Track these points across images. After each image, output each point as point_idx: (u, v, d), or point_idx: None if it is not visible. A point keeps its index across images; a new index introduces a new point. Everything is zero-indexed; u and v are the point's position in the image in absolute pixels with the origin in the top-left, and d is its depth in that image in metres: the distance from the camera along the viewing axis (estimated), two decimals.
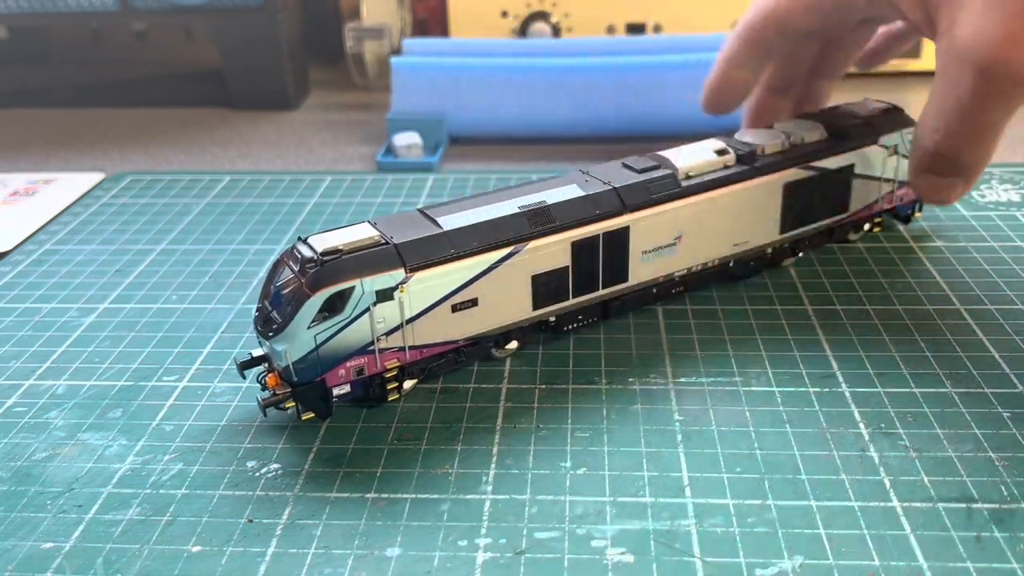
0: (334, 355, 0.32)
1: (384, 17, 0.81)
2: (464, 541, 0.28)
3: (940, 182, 0.38)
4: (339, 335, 0.31)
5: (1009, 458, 0.30)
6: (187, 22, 0.78)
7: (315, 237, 0.32)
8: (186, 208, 0.55)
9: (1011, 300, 0.41)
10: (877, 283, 0.43)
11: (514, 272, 0.34)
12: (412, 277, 0.32)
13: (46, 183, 0.61)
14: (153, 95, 0.83)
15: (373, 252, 0.32)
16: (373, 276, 0.31)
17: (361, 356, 0.32)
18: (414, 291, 0.32)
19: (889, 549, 0.27)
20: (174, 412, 0.35)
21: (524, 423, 0.33)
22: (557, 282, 0.36)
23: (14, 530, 0.29)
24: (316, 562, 0.27)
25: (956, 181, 0.38)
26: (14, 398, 0.36)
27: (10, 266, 0.48)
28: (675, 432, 0.32)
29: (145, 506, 0.30)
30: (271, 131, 0.73)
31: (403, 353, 0.33)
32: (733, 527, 0.28)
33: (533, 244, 0.34)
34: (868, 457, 0.31)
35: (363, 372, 0.33)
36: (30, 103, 0.82)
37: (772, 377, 0.35)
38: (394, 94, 0.66)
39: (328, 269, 0.31)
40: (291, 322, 0.31)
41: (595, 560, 0.27)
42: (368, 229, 0.33)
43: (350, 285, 0.31)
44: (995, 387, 0.34)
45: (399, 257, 0.32)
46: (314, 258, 0.31)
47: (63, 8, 0.75)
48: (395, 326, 0.33)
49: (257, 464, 0.32)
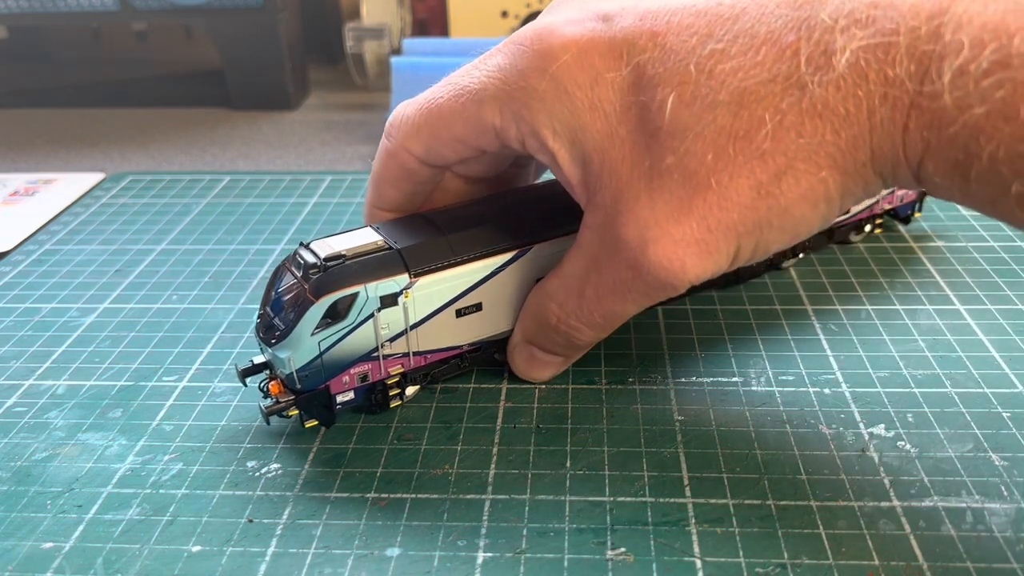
0: (338, 362, 0.31)
1: (384, 17, 0.81)
2: (464, 541, 0.28)
3: (542, 358, 0.35)
4: (343, 341, 0.31)
5: (1009, 458, 0.30)
6: (187, 22, 0.78)
7: (317, 242, 0.32)
8: (186, 208, 0.55)
9: (1011, 300, 0.41)
10: (877, 283, 0.43)
11: (519, 276, 0.34)
12: (416, 282, 0.32)
13: (46, 183, 0.61)
14: (153, 95, 0.83)
15: (377, 257, 0.31)
16: (377, 281, 0.31)
17: (365, 362, 0.32)
18: (418, 296, 0.32)
19: (889, 549, 0.27)
20: (174, 412, 0.35)
21: (524, 423, 0.33)
22: None
23: (14, 530, 0.29)
24: (316, 562, 0.27)
25: (556, 360, 0.35)
26: (14, 398, 0.36)
27: (10, 266, 0.48)
28: (675, 432, 0.32)
29: (145, 506, 0.30)
30: (271, 131, 0.73)
31: (407, 359, 0.33)
32: (733, 527, 0.28)
33: (538, 247, 0.34)
34: (868, 457, 0.31)
35: (367, 379, 0.33)
36: (30, 103, 0.82)
37: (772, 377, 0.35)
38: (394, 94, 0.66)
39: (331, 275, 0.31)
40: (294, 329, 0.30)
41: (595, 560, 0.27)
42: (371, 234, 0.33)
43: (354, 291, 0.31)
44: (995, 387, 0.34)
45: (403, 262, 0.32)
46: (317, 264, 0.31)
47: (63, 8, 0.75)
48: (399, 332, 0.32)
49: (257, 464, 0.32)
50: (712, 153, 0.26)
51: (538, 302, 0.33)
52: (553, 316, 0.32)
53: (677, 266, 0.28)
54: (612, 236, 0.29)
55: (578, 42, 0.28)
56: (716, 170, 0.26)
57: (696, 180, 0.27)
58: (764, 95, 0.25)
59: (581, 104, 0.29)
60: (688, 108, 0.26)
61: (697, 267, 0.28)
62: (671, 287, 0.28)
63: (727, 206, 0.27)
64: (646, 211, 0.28)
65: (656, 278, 0.28)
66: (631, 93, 0.28)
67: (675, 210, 0.27)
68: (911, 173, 0.25)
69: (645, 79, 0.27)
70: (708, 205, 0.27)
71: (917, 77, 0.23)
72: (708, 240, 0.27)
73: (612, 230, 0.29)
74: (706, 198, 0.27)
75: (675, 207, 0.27)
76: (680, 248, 0.27)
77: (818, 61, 0.24)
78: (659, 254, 0.28)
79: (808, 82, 0.24)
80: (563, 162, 0.30)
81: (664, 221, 0.27)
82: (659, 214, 0.27)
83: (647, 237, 0.28)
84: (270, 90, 0.78)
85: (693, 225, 0.27)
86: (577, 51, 0.28)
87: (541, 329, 0.34)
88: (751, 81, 0.25)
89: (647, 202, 0.28)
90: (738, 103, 0.25)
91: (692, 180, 0.27)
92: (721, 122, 0.26)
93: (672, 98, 0.27)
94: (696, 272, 0.28)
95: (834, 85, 0.24)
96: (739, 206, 0.26)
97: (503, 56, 0.31)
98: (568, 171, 0.30)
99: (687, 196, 0.27)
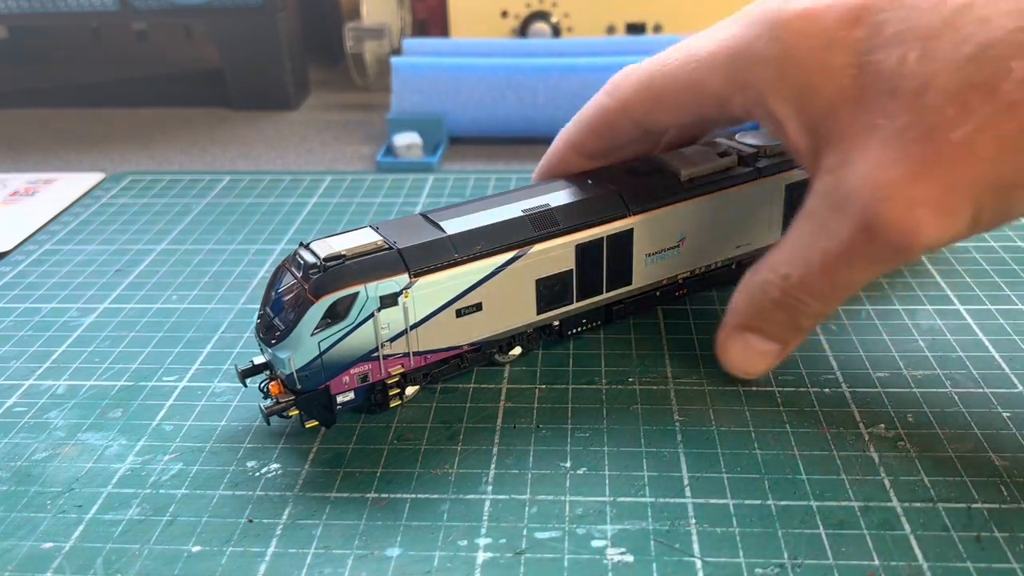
0: (338, 362, 0.31)
1: (384, 17, 0.81)
2: (464, 541, 0.28)
3: (758, 347, 0.33)
4: (343, 341, 0.31)
5: (1009, 458, 0.30)
6: (187, 22, 0.78)
7: (317, 242, 0.32)
8: (186, 208, 0.55)
9: (1011, 300, 0.41)
10: (877, 283, 0.43)
11: (518, 276, 0.34)
12: (416, 282, 0.32)
13: (46, 183, 0.61)
14: (153, 95, 0.83)
15: (376, 257, 0.31)
16: (377, 281, 0.31)
17: (365, 363, 0.32)
18: (418, 296, 0.32)
19: (889, 549, 0.27)
20: (174, 412, 0.35)
21: (524, 423, 0.33)
22: (561, 286, 0.36)
23: (14, 530, 0.29)
24: (316, 562, 0.27)
25: (774, 348, 0.33)
26: (14, 398, 0.36)
27: (10, 266, 0.48)
28: (675, 432, 0.32)
29: (145, 506, 0.30)
30: (271, 131, 0.73)
31: (407, 359, 0.33)
32: (733, 527, 0.28)
33: (537, 247, 0.34)
34: (868, 457, 0.31)
35: (367, 379, 0.33)
36: (30, 103, 0.82)
37: (772, 377, 0.35)
38: (394, 94, 0.66)
39: (331, 275, 0.31)
40: (294, 329, 0.30)
41: (595, 560, 0.27)
42: (371, 234, 0.33)
43: (354, 291, 0.31)
44: (995, 387, 0.34)
45: (403, 262, 0.32)
46: (317, 264, 0.31)
47: (63, 8, 0.75)
48: (399, 332, 0.32)
49: (257, 464, 0.32)
50: (954, 107, 0.25)
51: (757, 280, 0.32)
52: (776, 289, 0.31)
53: (912, 227, 0.26)
54: (842, 199, 0.28)
55: (813, 9, 0.28)
56: (957, 124, 0.25)
57: (935, 136, 0.25)
58: (1013, 43, 0.24)
59: (812, 66, 0.28)
60: (931, 63, 0.26)
61: (934, 228, 0.26)
62: (905, 250, 0.27)
63: (969, 162, 0.25)
64: (879, 171, 0.26)
65: (889, 240, 0.27)
66: (866, 53, 0.27)
67: (911, 168, 0.26)
68: None
69: (883, 38, 0.27)
70: (948, 163, 0.25)
71: None
72: (946, 200, 0.26)
73: (843, 193, 0.28)
74: (946, 155, 0.25)
75: (911, 165, 0.26)
76: (916, 208, 0.26)
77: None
78: (893, 214, 0.26)
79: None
80: (791, 130, 0.30)
81: (899, 180, 0.26)
82: (893, 173, 0.26)
83: (880, 196, 0.26)
84: (270, 90, 0.78)
85: (930, 183, 0.26)
86: (810, 17, 0.28)
87: (761, 310, 0.32)
88: (998, 32, 0.24)
89: (881, 161, 0.26)
90: (984, 54, 0.25)
91: (930, 136, 0.25)
92: (965, 74, 0.25)
93: (914, 55, 0.26)
94: (933, 234, 0.26)
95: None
96: (982, 163, 0.25)
97: (736, 25, 0.31)
98: (795, 138, 0.30)
99: (924, 153, 0.26)
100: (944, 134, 0.25)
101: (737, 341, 0.33)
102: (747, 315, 0.33)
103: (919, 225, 0.26)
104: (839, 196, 0.28)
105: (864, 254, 0.28)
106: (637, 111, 0.34)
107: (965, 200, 0.26)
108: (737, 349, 0.33)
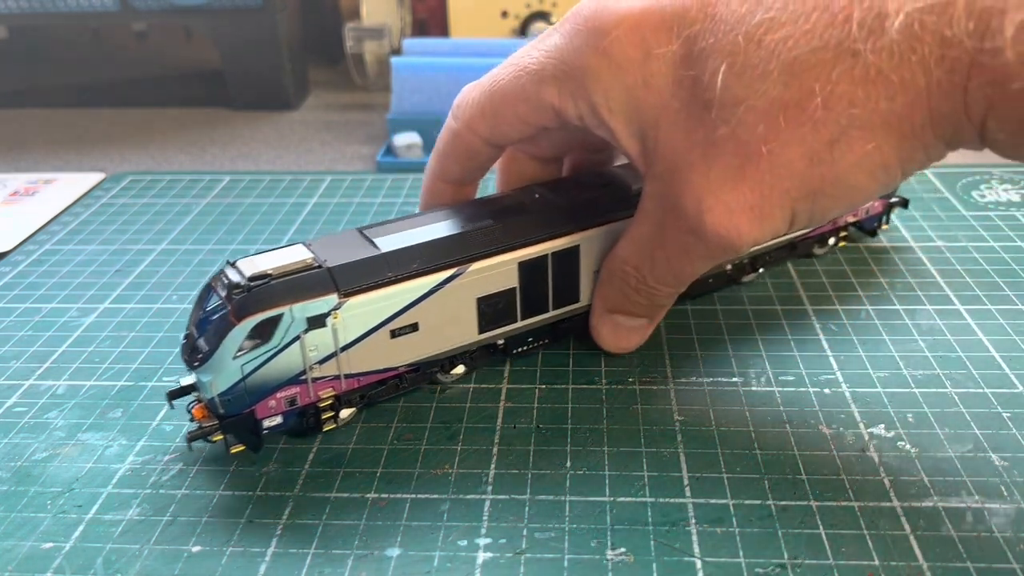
0: (263, 386, 0.30)
1: (384, 17, 0.81)
2: (464, 541, 0.28)
3: (627, 324, 0.36)
4: (268, 365, 0.30)
5: (1009, 458, 0.30)
6: (187, 22, 0.78)
7: (245, 260, 0.30)
8: (186, 208, 0.55)
9: (1011, 300, 0.41)
10: (877, 283, 0.43)
11: (457, 295, 0.33)
12: (346, 302, 0.30)
13: (46, 183, 0.61)
14: (153, 95, 0.83)
15: (304, 276, 0.30)
16: (304, 302, 0.29)
17: (293, 386, 0.31)
18: (349, 317, 0.31)
19: (889, 549, 0.27)
20: (174, 412, 0.35)
21: (524, 423, 0.33)
22: (504, 304, 0.34)
23: (14, 530, 0.29)
24: (316, 562, 0.27)
25: (641, 323, 0.36)
26: (14, 398, 0.36)
27: (10, 266, 0.48)
28: (675, 432, 0.32)
29: (145, 506, 0.30)
30: (271, 131, 0.73)
31: (338, 382, 0.32)
32: (733, 527, 0.28)
33: (477, 265, 0.33)
34: (868, 457, 0.31)
35: (296, 403, 0.31)
36: (30, 103, 0.82)
37: (772, 377, 0.35)
38: (394, 94, 0.66)
39: (254, 295, 0.29)
40: (216, 352, 0.29)
41: (595, 560, 0.27)
42: (301, 251, 0.31)
43: (278, 312, 0.29)
44: (995, 387, 0.34)
45: (332, 281, 0.30)
46: (240, 283, 0.29)
47: (63, 8, 0.75)
48: (328, 354, 0.31)
49: (257, 464, 0.32)
50: (764, 124, 0.26)
51: (613, 268, 0.34)
52: (632, 278, 0.34)
53: (733, 232, 0.28)
54: (672, 204, 0.30)
55: (629, 18, 0.29)
56: (768, 140, 0.26)
57: (748, 149, 0.27)
58: (815, 64, 0.25)
59: (634, 80, 0.29)
60: (738, 80, 0.26)
61: (753, 231, 0.28)
62: (732, 249, 0.29)
63: (780, 174, 0.27)
64: (701, 180, 0.28)
65: (715, 242, 0.29)
66: (682, 67, 0.28)
67: (729, 179, 0.28)
68: (975, 133, 0.24)
69: (695, 52, 0.28)
70: (761, 173, 0.27)
71: (977, 34, 0.22)
72: (763, 206, 0.28)
73: (671, 199, 0.30)
74: (759, 166, 0.27)
75: (729, 176, 0.28)
76: (735, 215, 0.28)
77: (871, 26, 0.24)
78: (715, 221, 0.28)
79: (860, 49, 0.24)
80: (621, 137, 0.31)
81: (719, 189, 0.28)
82: (714, 183, 0.28)
83: (703, 205, 0.28)
84: (270, 90, 0.78)
85: (747, 192, 0.28)
86: (628, 27, 0.29)
87: (622, 293, 0.34)
88: (801, 50, 0.25)
89: (702, 172, 0.28)
90: (788, 73, 0.25)
91: (744, 150, 0.27)
92: (772, 93, 0.26)
93: (723, 70, 0.27)
94: (753, 236, 0.29)
95: (887, 51, 0.24)
96: (792, 174, 0.27)
97: (560, 35, 0.31)
98: (626, 145, 0.31)
99: (740, 165, 0.27)
100: (757, 147, 0.27)
101: (607, 322, 0.36)
102: (612, 300, 0.35)
103: (739, 230, 0.28)
104: (668, 202, 0.30)
105: (697, 252, 0.30)
106: (482, 129, 0.34)
107: (780, 206, 0.28)
108: (608, 329, 0.36)
